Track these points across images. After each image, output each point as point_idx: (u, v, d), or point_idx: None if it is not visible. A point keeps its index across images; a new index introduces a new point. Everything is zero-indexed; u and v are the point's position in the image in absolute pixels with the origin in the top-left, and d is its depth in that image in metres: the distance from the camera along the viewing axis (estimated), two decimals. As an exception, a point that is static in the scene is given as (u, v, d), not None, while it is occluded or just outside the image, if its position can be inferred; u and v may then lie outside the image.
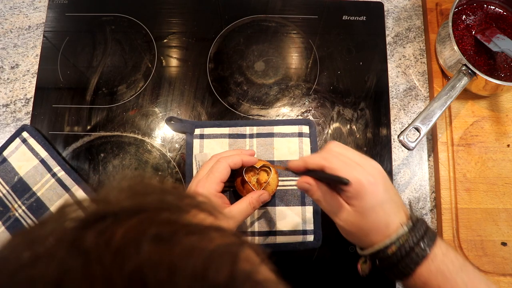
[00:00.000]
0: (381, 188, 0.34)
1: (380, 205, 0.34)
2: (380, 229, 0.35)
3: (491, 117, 0.56)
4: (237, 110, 0.57)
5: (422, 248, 0.33)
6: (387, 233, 0.34)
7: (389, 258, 0.34)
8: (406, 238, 0.34)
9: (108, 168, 0.55)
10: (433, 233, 0.35)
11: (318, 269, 0.52)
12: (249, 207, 0.43)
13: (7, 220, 0.51)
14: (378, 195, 0.34)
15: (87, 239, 0.15)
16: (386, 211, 0.34)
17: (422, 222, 0.36)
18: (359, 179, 0.34)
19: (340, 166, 0.34)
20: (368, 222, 0.34)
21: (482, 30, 0.55)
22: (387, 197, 0.35)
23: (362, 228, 0.35)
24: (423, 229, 0.35)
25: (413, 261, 0.33)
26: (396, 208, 0.35)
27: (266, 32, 0.61)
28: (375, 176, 0.35)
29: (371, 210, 0.34)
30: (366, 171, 0.35)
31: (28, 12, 0.61)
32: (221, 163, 0.43)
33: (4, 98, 0.58)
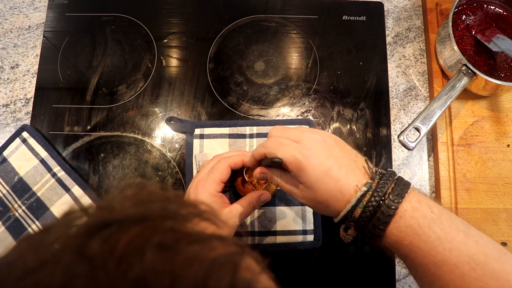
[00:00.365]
0: (321, 157, 0.34)
1: (325, 173, 0.33)
2: (335, 196, 0.33)
3: (491, 117, 0.56)
4: (237, 110, 0.57)
5: (387, 205, 0.31)
6: (345, 198, 0.33)
7: (358, 222, 0.33)
8: (369, 198, 0.32)
9: (108, 168, 0.55)
10: (403, 186, 0.33)
11: (318, 269, 0.52)
12: (249, 207, 0.43)
13: (7, 220, 0.51)
14: (319, 165, 0.33)
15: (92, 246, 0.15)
16: (333, 177, 0.33)
17: (389, 176, 0.33)
18: (293, 155, 0.34)
19: (276, 147, 0.35)
20: (320, 193, 0.33)
21: (482, 30, 0.55)
22: (332, 163, 0.33)
23: (319, 201, 0.34)
24: (388, 184, 0.33)
25: (380, 221, 0.32)
26: (348, 171, 0.34)
27: (266, 32, 0.61)
28: (312, 148, 0.34)
29: (318, 181, 0.33)
30: (303, 145, 0.34)
31: (28, 12, 0.61)
32: (221, 163, 0.43)
33: (4, 98, 0.58)
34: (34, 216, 0.51)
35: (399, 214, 0.32)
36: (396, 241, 0.32)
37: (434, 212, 0.32)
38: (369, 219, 0.32)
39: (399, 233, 0.31)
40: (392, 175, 0.34)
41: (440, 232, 0.30)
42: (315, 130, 0.37)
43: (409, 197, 0.32)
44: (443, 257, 0.30)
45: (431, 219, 0.31)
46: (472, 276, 0.29)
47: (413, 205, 0.32)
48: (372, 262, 0.52)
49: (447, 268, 0.30)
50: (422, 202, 0.32)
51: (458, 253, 0.30)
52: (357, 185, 0.33)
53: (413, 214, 0.31)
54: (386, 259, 0.53)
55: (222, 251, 0.18)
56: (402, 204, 0.32)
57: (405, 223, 0.31)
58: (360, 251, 0.52)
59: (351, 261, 0.52)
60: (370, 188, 0.33)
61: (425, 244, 0.30)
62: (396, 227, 0.32)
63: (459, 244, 0.30)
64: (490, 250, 0.30)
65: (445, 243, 0.30)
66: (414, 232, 0.31)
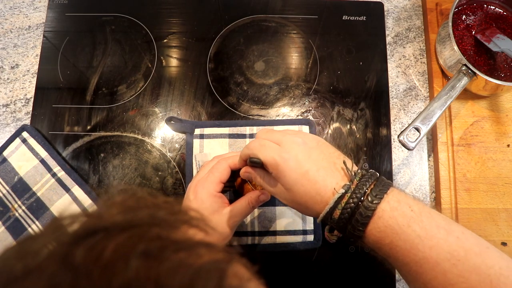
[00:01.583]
0: (299, 159, 0.34)
1: (303, 176, 0.34)
2: (314, 198, 0.34)
3: (491, 117, 0.56)
4: (237, 110, 0.57)
5: (365, 207, 0.32)
6: (323, 201, 0.33)
7: (338, 223, 0.33)
8: (347, 200, 0.32)
9: (108, 168, 0.55)
10: (382, 187, 0.33)
11: (318, 269, 0.52)
12: (248, 207, 0.43)
13: (7, 220, 0.51)
14: (297, 167, 0.34)
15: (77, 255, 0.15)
16: (311, 179, 0.34)
17: (369, 177, 0.34)
18: (272, 157, 0.35)
19: (258, 149, 0.36)
20: (299, 195, 0.34)
21: (482, 30, 0.55)
22: (309, 166, 0.34)
23: (298, 202, 0.35)
24: (367, 185, 0.33)
25: (359, 222, 0.32)
26: (326, 173, 0.34)
27: (266, 32, 0.61)
28: (290, 151, 0.35)
29: (296, 183, 0.34)
30: (283, 148, 0.35)
31: (28, 12, 0.61)
32: (221, 164, 0.43)
33: (4, 98, 0.58)
34: (34, 216, 0.51)
35: (377, 214, 0.32)
36: (377, 241, 0.32)
37: (414, 210, 0.32)
38: (347, 220, 0.33)
39: (378, 233, 0.32)
40: (372, 176, 0.34)
41: (420, 230, 0.31)
42: (298, 133, 0.38)
43: (388, 197, 0.32)
44: (423, 255, 0.30)
45: (411, 217, 0.31)
46: (454, 272, 0.29)
47: (391, 205, 0.32)
48: (372, 262, 0.52)
49: (428, 265, 0.30)
50: (401, 202, 0.32)
51: (439, 250, 0.30)
52: (335, 188, 0.33)
53: (392, 214, 0.32)
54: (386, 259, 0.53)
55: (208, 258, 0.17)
56: (380, 205, 0.32)
57: (384, 223, 0.31)
58: (360, 251, 0.52)
59: (351, 261, 0.52)
60: (349, 189, 0.33)
61: (405, 243, 0.31)
62: (375, 227, 0.32)
63: (440, 241, 0.30)
64: (471, 245, 0.30)
65: (425, 240, 0.30)
66: (394, 232, 0.31)
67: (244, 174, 0.41)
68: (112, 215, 0.19)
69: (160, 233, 0.18)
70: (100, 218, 0.18)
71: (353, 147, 0.56)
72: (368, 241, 0.33)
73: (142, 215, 0.19)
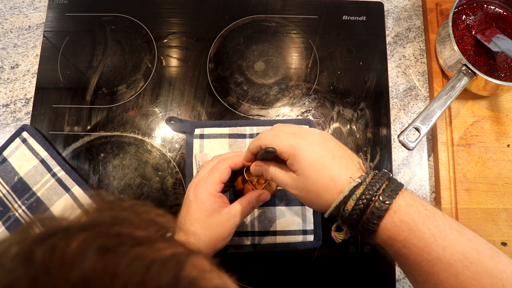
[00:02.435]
0: (316, 146, 0.34)
1: (318, 161, 0.34)
2: (327, 185, 0.33)
3: (491, 117, 0.56)
4: (237, 110, 0.57)
5: (381, 200, 0.31)
6: (337, 188, 0.33)
7: (350, 216, 0.32)
8: (363, 191, 0.32)
9: (108, 168, 0.55)
10: (397, 184, 0.33)
11: (318, 269, 0.52)
12: (249, 207, 0.43)
13: (7, 220, 0.51)
14: (313, 153, 0.34)
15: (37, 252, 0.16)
16: (326, 166, 0.33)
17: (383, 174, 0.34)
18: (289, 143, 0.35)
19: (271, 138, 0.36)
20: (312, 181, 0.34)
21: (482, 30, 0.55)
22: (325, 152, 0.34)
23: (310, 190, 0.34)
24: (382, 181, 0.33)
25: (374, 215, 0.31)
26: (341, 162, 0.34)
27: (266, 32, 0.61)
28: (307, 138, 0.35)
29: (309, 167, 0.34)
30: (298, 136, 0.35)
31: (28, 12, 0.61)
32: (222, 164, 0.43)
33: (4, 98, 0.58)
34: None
35: (393, 208, 0.31)
36: (390, 237, 0.32)
37: (427, 210, 0.32)
38: (362, 212, 0.32)
39: (393, 228, 0.31)
40: (386, 174, 0.34)
41: (434, 229, 0.30)
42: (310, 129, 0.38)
43: (403, 194, 0.32)
44: (437, 255, 0.30)
45: (426, 216, 0.31)
46: (466, 274, 0.29)
47: (407, 202, 0.32)
48: (372, 262, 0.52)
49: (441, 266, 0.29)
50: (415, 200, 0.32)
51: (452, 251, 0.29)
52: (351, 177, 0.33)
53: (408, 210, 0.31)
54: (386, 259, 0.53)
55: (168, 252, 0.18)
56: (396, 200, 0.32)
57: (400, 218, 0.31)
58: (360, 251, 0.52)
59: (351, 261, 0.52)
60: (364, 181, 0.33)
61: (419, 240, 0.30)
62: (390, 221, 0.31)
63: (453, 241, 0.30)
64: (483, 248, 0.30)
65: (439, 240, 0.30)
66: (409, 228, 0.31)
67: (254, 167, 0.40)
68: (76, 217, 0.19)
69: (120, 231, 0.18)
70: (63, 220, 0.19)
71: (353, 147, 0.56)
72: (381, 236, 0.32)
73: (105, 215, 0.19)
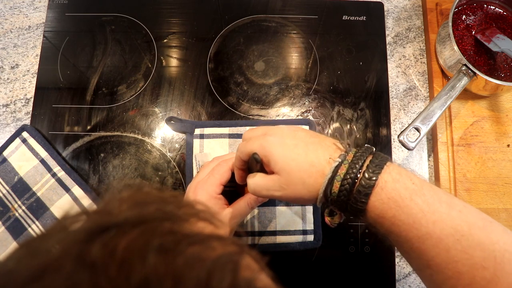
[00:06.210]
0: (285, 139, 0.34)
1: (291, 150, 0.33)
2: (307, 171, 0.32)
3: (491, 117, 0.56)
4: (237, 110, 0.57)
5: (367, 177, 0.30)
6: (319, 172, 0.32)
7: (339, 197, 0.31)
8: (346, 171, 0.31)
9: (108, 168, 0.55)
10: (381, 159, 0.32)
11: (318, 269, 0.52)
12: (248, 208, 0.43)
13: (7, 220, 0.51)
14: (284, 145, 0.33)
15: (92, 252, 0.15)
16: (301, 153, 0.33)
17: (365, 149, 0.33)
18: (260, 144, 0.34)
19: (244, 146, 0.36)
20: (292, 172, 0.32)
21: (482, 30, 0.55)
22: (296, 142, 0.33)
23: (293, 182, 0.33)
24: (365, 156, 0.32)
25: (361, 193, 0.30)
26: (315, 147, 0.33)
27: (266, 32, 0.61)
28: (275, 134, 0.35)
29: (286, 160, 0.33)
30: (267, 134, 0.35)
31: (28, 12, 0.61)
32: (222, 166, 0.43)
33: (4, 98, 0.58)
34: (34, 216, 0.51)
35: (380, 185, 0.30)
36: (379, 215, 0.31)
37: (415, 183, 0.31)
38: (349, 192, 0.31)
39: (381, 205, 0.30)
40: (368, 149, 0.33)
41: (423, 204, 0.29)
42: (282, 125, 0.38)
43: (388, 169, 0.31)
44: (427, 230, 0.29)
45: (413, 190, 0.30)
46: (458, 248, 0.28)
47: (393, 177, 0.31)
48: (372, 262, 0.52)
49: (431, 241, 0.29)
50: (402, 174, 0.31)
51: (442, 225, 0.29)
52: (330, 158, 0.32)
53: (394, 185, 0.30)
54: (386, 259, 0.53)
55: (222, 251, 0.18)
56: (382, 175, 0.31)
57: (387, 195, 0.30)
58: (360, 251, 0.52)
59: (351, 261, 0.52)
60: (345, 160, 0.32)
61: (408, 217, 0.29)
62: (378, 199, 0.30)
63: (443, 215, 0.29)
64: (474, 219, 0.29)
65: (428, 215, 0.29)
66: (396, 204, 0.30)
67: None
68: (122, 210, 0.19)
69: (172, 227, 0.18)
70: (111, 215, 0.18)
71: (354, 147, 0.56)
72: (371, 215, 0.31)
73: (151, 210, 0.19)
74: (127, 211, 0.18)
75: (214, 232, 0.20)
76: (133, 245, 0.16)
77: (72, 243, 0.16)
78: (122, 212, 0.18)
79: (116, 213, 0.18)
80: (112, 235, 0.16)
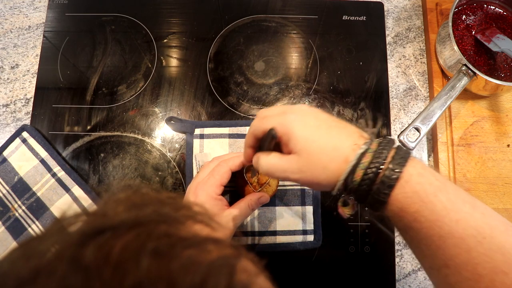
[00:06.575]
0: (308, 118, 0.32)
1: (314, 132, 0.31)
2: (330, 154, 0.31)
3: (491, 117, 0.56)
4: (237, 110, 0.57)
5: (392, 168, 0.29)
6: (341, 157, 0.31)
7: (360, 187, 0.30)
8: (370, 159, 0.30)
9: (108, 168, 0.55)
10: (405, 152, 0.31)
11: (318, 269, 0.52)
12: (248, 209, 0.43)
13: (7, 220, 0.51)
14: (306, 125, 0.32)
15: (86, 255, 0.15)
16: (324, 135, 0.31)
17: (388, 141, 0.31)
18: (280, 122, 0.32)
19: (260, 123, 0.34)
20: (313, 154, 0.31)
21: (482, 30, 0.55)
22: (319, 123, 0.32)
23: (314, 165, 0.31)
24: (389, 148, 0.30)
25: (385, 184, 0.29)
26: (339, 130, 0.32)
27: (266, 32, 0.61)
28: (297, 113, 0.33)
29: (308, 141, 0.31)
30: (287, 113, 0.33)
31: (28, 12, 0.61)
32: (222, 167, 0.43)
33: (4, 98, 0.58)
34: (34, 216, 0.51)
35: (404, 178, 0.29)
36: (402, 209, 0.30)
37: (439, 180, 0.30)
38: (372, 182, 0.30)
39: (404, 199, 0.29)
40: (391, 141, 0.32)
41: (447, 202, 0.28)
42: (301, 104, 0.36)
43: (413, 162, 0.30)
44: (449, 229, 0.28)
45: (437, 187, 0.29)
46: (479, 250, 0.27)
47: (418, 171, 0.30)
48: (372, 262, 0.52)
49: (452, 240, 0.28)
50: (426, 170, 0.30)
51: (465, 225, 0.28)
52: (355, 144, 0.31)
53: (419, 180, 0.29)
54: (386, 259, 0.53)
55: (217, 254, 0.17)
56: (407, 168, 0.29)
57: (411, 189, 0.29)
58: (360, 251, 0.52)
59: (351, 261, 0.52)
60: (369, 148, 0.30)
61: (431, 213, 0.28)
62: (402, 192, 0.29)
63: (466, 215, 0.28)
64: (496, 223, 0.28)
65: (452, 213, 0.28)
66: (420, 199, 0.29)
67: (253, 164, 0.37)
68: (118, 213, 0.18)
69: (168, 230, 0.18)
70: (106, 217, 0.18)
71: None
72: (392, 208, 0.30)
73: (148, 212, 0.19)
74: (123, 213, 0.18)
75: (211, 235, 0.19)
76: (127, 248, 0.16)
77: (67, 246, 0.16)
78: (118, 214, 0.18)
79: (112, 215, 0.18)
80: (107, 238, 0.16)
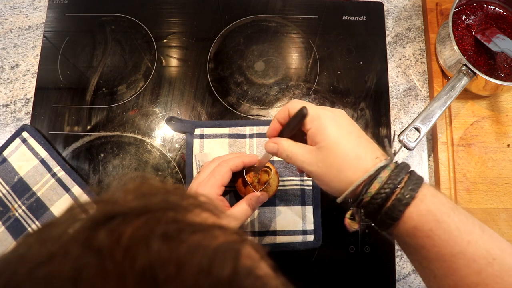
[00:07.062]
0: (342, 120, 0.34)
1: (344, 136, 0.33)
2: (351, 162, 0.32)
3: (491, 117, 0.56)
4: (237, 110, 0.57)
5: (408, 187, 0.30)
6: (361, 167, 0.32)
7: (373, 200, 0.31)
8: (389, 175, 0.31)
9: (108, 168, 0.55)
10: (418, 177, 0.32)
11: (318, 269, 0.52)
12: (249, 209, 0.43)
13: (7, 220, 0.51)
14: (340, 126, 0.33)
15: (99, 238, 0.16)
16: (353, 142, 0.33)
17: (404, 165, 0.33)
18: (317, 113, 0.34)
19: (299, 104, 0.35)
20: (335, 155, 0.32)
21: (482, 30, 0.55)
22: (352, 129, 0.34)
23: (332, 165, 0.33)
24: (406, 170, 0.32)
25: (401, 201, 0.30)
26: (367, 143, 0.33)
27: (266, 32, 0.61)
28: (334, 112, 0.34)
29: (336, 141, 0.33)
30: (328, 110, 0.35)
31: (28, 12, 0.61)
32: (222, 167, 0.43)
33: (4, 98, 0.58)
34: (34, 216, 0.51)
35: (419, 197, 0.30)
36: (415, 227, 0.30)
37: (450, 203, 0.31)
38: (388, 197, 0.30)
39: (418, 217, 0.30)
40: (407, 166, 0.33)
41: (459, 222, 0.30)
42: None
43: (426, 185, 0.32)
44: (460, 249, 0.29)
45: (450, 208, 0.30)
46: (489, 271, 0.28)
47: (432, 192, 0.31)
48: (372, 262, 0.52)
49: (463, 261, 0.29)
50: (438, 192, 0.32)
51: (476, 246, 0.29)
52: (377, 157, 0.32)
53: (433, 200, 0.30)
54: (386, 259, 0.53)
55: (223, 239, 0.18)
56: (421, 189, 0.31)
57: (426, 208, 0.30)
58: (360, 251, 0.52)
59: (351, 261, 0.52)
60: (388, 166, 0.32)
61: (445, 233, 0.29)
62: (416, 210, 0.30)
63: (476, 236, 0.29)
64: (504, 246, 0.29)
65: (464, 234, 0.29)
66: (435, 218, 0.30)
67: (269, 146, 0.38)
68: (128, 200, 0.19)
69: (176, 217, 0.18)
70: (116, 204, 0.19)
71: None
72: (405, 226, 0.31)
73: (156, 200, 0.19)
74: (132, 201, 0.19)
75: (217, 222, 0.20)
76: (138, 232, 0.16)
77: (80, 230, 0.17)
78: (128, 202, 0.19)
79: (122, 202, 0.19)
80: (118, 223, 0.17)
